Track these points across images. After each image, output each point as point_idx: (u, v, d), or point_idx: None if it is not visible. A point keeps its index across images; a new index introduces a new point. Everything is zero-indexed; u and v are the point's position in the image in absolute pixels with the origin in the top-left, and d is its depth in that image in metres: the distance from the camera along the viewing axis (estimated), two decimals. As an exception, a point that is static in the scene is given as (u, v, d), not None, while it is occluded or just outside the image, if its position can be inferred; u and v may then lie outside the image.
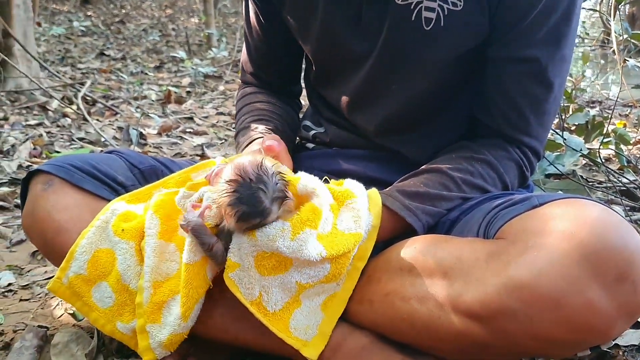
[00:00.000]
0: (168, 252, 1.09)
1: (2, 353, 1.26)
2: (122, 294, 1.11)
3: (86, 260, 1.12)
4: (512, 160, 1.23)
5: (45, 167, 1.20)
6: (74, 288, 1.13)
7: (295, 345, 1.05)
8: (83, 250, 1.12)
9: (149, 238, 1.07)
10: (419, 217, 1.13)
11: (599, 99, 4.46)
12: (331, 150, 1.41)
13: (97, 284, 1.12)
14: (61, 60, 6.12)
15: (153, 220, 1.08)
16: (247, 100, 1.47)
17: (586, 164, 2.58)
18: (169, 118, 3.79)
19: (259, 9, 1.39)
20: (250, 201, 0.96)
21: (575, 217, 0.91)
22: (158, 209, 1.09)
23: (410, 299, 1.01)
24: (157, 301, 1.06)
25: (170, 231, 1.09)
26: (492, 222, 1.04)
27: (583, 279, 0.86)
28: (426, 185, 1.16)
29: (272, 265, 1.03)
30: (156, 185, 1.19)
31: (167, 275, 1.08)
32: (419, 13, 1.16)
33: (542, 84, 1.18)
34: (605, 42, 5.95)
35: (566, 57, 1.18)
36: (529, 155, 1.25)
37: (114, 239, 1.11)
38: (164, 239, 1.08)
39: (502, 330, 0.92)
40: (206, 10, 7.59)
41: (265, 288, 1.04)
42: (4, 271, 1.65)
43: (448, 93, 1.28)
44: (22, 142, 2.97)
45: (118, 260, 1.10)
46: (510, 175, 1.23)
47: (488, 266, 0.94)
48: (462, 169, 1.19)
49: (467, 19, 1.15)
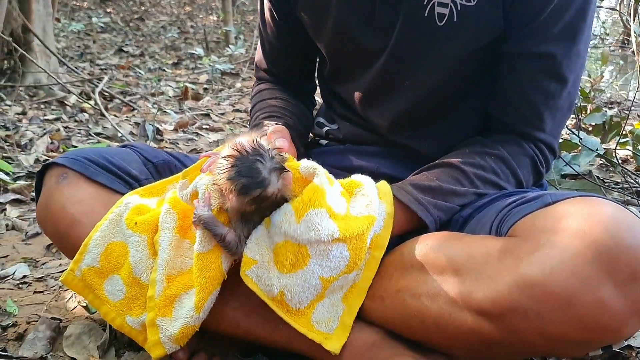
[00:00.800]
0: (183, 248, 1.09)
1: (15, 344, 1.27)
2: (133, 287, 1.12)
3: (99, 252, 1.13)
4: (527, 156, 1.22)
5: (60, 160, 1.21)
6: (87, 280, 1.14)
7: (317, 340, 1.04)
8: (96, 242, 1.13)
9: (164, 232, 1.08)
10: (430, 211, 1.13)
11: (618, 99, 4.42)
12: (344, 147, 1.41)
13: (110, 276, 1.13)
14: (80, 56, 6.17)
15: (170, 214, 1.09)
16: (261, 97, 1.47)
17: (603, 164, 2.55)
18: (186, 114, 3.81)
19: (273, 7, 1.39)
20: (248, 172, 0.95)
21: (589, 216, 0.90)
22: (175, 204, 1.09)
23: (421, 296, 1.01)
24: (170, 295, 1.07)
25: (186, 227, 1.09)
26: (505, 220, 1.04)
27: (595, 278, 0.86)
28: (439, 179, 1.16)
29: (291, 261, 1.03)
30: (170, 180, 1.20)
31: (181, 270, 1.08)
32: (432, 9, 1.16)
33: (556, 80, 1.17)
34: (625, 42, 5.90)
35: (581, 53, 1.17)
36: (544, 150, 1.24)
37: (126, 232, 1.11)
38: (179, 234, 1.09)
39: (513, 328, 0.92)
40: (224, 7, 7.60)
41: (288, 287, 1.04)
42: (19, 263, 1.67)
43: (461, 88, 1.27)
44: (39, 136, 3.00)
45: (130, 253, 1.11)
46: (524, 171, 1.22)
47: (500, 264, 0.93)
48: (475, 164, 1.18)
49: (481, 15, 1.15)
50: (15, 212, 2.07)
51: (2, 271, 1.62)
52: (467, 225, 1.15)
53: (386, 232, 1.09)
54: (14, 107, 3.56)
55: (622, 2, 6.12)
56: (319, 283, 1.04)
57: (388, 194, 1.12)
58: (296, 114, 1.43)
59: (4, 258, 1.72)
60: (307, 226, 1.00)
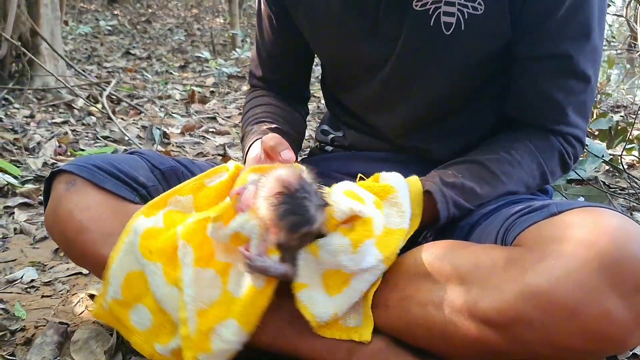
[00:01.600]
0: (207, 279, 1.07)
1: (23, 348, 1.28)
2: (158, 315, 1.11)
3: (119, 284, 1.12)
4: (554, 149, 1.23)
5: (68, 167, 1.21)
6: (114, 313, 1.14)
7: (350, 337, 1.06)
8: (115, 274, 1.12)
9: (185, 267, 1.06)
10: (449, 206, 1.14)
11: (625, 103, 4.41)
12: (350, 153, 1.42)
13: (134, 306, 1.13)
14: (87, 58, 6.20)
15: (186, 249, 1.07)
16: (253, 103, 1.47)
17: (608, 170, 2.55)
18: (192, 118, 3.82)
19: (273, 14, 1.40)
20: (298, 211, 0.96)
21: (594, 226, 0.90)
22: (190, 237, 1.07)
23: (426, 305, 1.01)
24: (205, 330, 1.05)
25: (207, 257, 1.08)
26: (511, 229, 1.04)
27: (601, 288, 0.86)
28: (463, 177, 1.17)
29: (336, 284, 1.05)
30: (171, 192, 1.19)
31: (210, 302, 1.06)
32: (438, 18, 1.16)
33: (577, 77, 1.18)
34: (631, 46, 5.88)
35: (597, 47, 1.18)
36: (571, 142, 1.25)
37: (142, 260, 1.10)
38: (200, 266, 1.07)
39: (518, 338, 0.92)
40: (231, 10, 7.63)
41: (338, 307, 1.05)
42: (27, 267, 1.67)
43: (471, 93, 1.28)
44: (47, 139, 3.01)
45: (149, 282, 1.10)
46: (550, 165, 1.23)
47: (505, 273, 0.93)
48: (501, 160, 1.19)
49: (489, 23, 1.15)
50: (23, 215, 2.08)
51: (11, 275, 1.63)
52: (473, 233, 1.15)
53: (410, 231, 1.11)
54: (22, 110, 3.57)
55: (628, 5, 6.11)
56: (360, 297, 1.07)
57: (419, 194, 1.13)
58: (288, 119, 1.43)
59: (12, 262, 1.73)
60: (362, 256, 1.03)
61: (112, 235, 1.16)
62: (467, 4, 1.14)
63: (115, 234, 1.16)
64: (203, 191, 1.18)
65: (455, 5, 1.15)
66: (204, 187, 1.18)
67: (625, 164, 2.50)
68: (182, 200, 1.16)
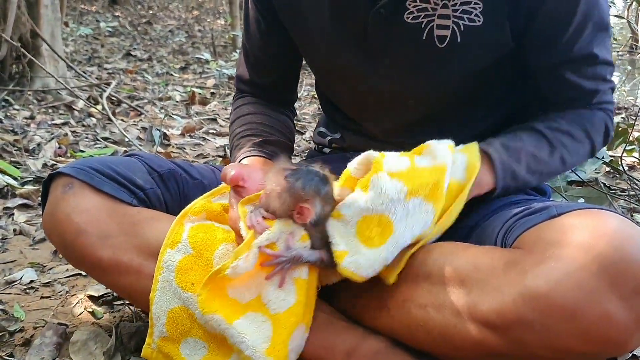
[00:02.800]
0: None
1: (22, 349, 1.28)
2: (213, 341, 1.11)
3: (163, 323, 1.12)
4: (599, 118, 1.25)
5: (66, 169, 1.21)
6: (164, 350, 1.14)
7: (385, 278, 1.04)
8: (157, 315, 1.13)
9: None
10: (506, 178, 1.14)
11: (626, 105, 4.40)
12: (348, 154, 1.41)
13: (183, 341, 1.13)
14: (88, 60, 6.20)
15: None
16: (240, 112, 1.46)
17: (609, 171, 2.55)
18: (193, 119, 3.82)
19: (262, 17, 1.39)
20: (311, 176, 0.99)
21: (594, 228, 0.90)
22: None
23: (426, 306, 1.01)
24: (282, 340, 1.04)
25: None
26: (510, 231, 1.04)
27: (600, 291, 0.86)
28: (522, 140, 1.18)
29: (377, 232, 1.02)
30: (184, 214, 1.17)
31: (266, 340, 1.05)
32: (431, 31, 1.16)
33: (603, 64, 1.20)
34: (633, 48, 5.88)
35: (610, 31, 1.21)
36: (610, 114, 1.27)
37: (184, 295, 1.11)
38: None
39: (518, 340, 0.92)
40: (232, 12, 7.63)
41: (386, 259, 1.02)
42: (27, 268, 1.68)
43: (469, 98, 1.28)
44: (47, 141, 3.01)
45: (196, 315, 1.10)
46: (597, 134, 1.25)
47: (505, 275, 0.93)
48: (552, 127, 1.21)
49: (487, 34, 1.15)
50: (22, 217, 2.08)
51: (10, 276, 1.63)
52: (473, 235, 1.15)
53: (468, 179, 1.09)
54: (22, 112, 3.58)
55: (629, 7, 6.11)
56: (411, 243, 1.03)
57: (472, 147, 1.13)
58: (276, 127, 1.42)
59: (12, 263, 1.73)
60: (375, 192, 1.00)
61: (109, 237, 1.16)
62: (463, 17, 1.14)
63: (113, 236, 1.16)
64: (213, 206, 1.18)
65: (449, 17, 1.15)
66: (210, 205, 1.18)
67: (626, 166, 2.50)
68: (195, 218, 1.16)
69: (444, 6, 1.14)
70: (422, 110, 1.28)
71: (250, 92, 1.52)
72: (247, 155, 1.31)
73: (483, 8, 1.13)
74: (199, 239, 1.13)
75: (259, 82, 1.51)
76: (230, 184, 1.11)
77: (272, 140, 1.36)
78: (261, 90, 1.51)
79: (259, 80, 1.50)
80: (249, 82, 1.51)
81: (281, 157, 1.13)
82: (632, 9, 6.03)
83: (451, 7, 1.14)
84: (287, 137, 1.44)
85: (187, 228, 1.14)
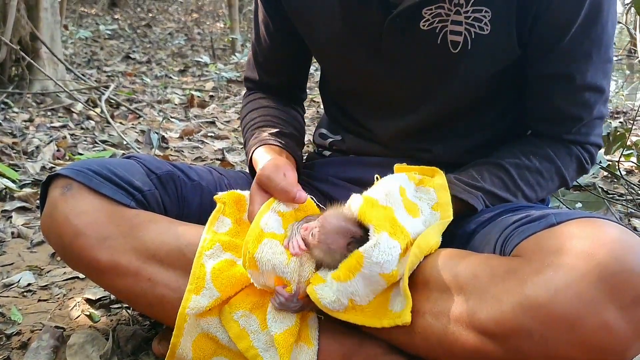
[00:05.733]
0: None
1: (19, 352, 1.28)
2: (235, 357, 1.13)
3: (191, 358, 1.14)
4: (573, 156, 1.27)
5: (65, 171, 1.21)
6: None
7: (394, 323, 1.02)
8: (184, 353, 1.14)
9: (254, 334, 1.09)
10: (478, 198, 1.17)
11: (624, 109, 4.41)
12: (348, 158, 1.42)
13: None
14: (87, 62, 6.21)
15: (250, 318, 1.10)
16: (251, 107, 1.47)
17: (607, 176, 2.55)
18: (191, 122, 3.82)
19: (270, 19, 1.39)
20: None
21: (594, 238, 0.89)
22: (251, 307, 1.11)
23: (425, 314, 1.01)
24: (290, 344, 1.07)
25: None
26: (509, 239, 1.03)
27: (600, 300, 0.85)
28: (483, 179, 1.20)
29: (345, 272, 1.03)
30: (199, 255, 1.14)
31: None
32: (445, 37, 1.17)
33: (591, 90, 1.20)
34: (631, 52, 5.89)
35: (610, 57, 1.20)
36: (589, 148, 1.28)
37: (202, 322, 1.12)
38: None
39: (516, 349, 0.91)
40: (231, 15, 7.64)
41: (354, 293, 1.03)
42: (24, 271, 1.67)
43: (476, 104, 1.29)
44: (46, 143, 3.01)
45: (218, 338, 1.12)
46: (569, 170, 1.27)
47: (504, 284, 0.92)
48: (520, 165, 1.23)
49: (495, 43, 1.16)
50: (21, 219, 2.08)
51: (7, 279, 1.62)
52: (472, 242, 1.15)
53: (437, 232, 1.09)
54: (21, 114, 3.58)
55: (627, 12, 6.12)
56: (381, 279, 1.02)
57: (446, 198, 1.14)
58: (288, 120, 1.43)
59: (9, 266, 1.73)
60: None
61: (108, 239, 1.16)
62: (474, 24, 1.15)
63: (111, 238, 1.16)
64: (221, 237, 1.17)
65: (462, 24, 1.16)
66: (218, 234, 1.17)
67: (624, 170, 2.50)
68: (211, 253, 1.15)
69: (456, 12, 1.15)
70: (432, 115, 1.29)
71: (260, 90, 1.53)
72: (265, 144, 1.31)
73: (492, 16, 1.14)
74: (224, 280, 1.11)
75: (268, 82, 1.51)
76: (262, 180, 1.14)
77: (287, 132, 1.37)
78: (270, 90, 1.52)
79: (268, 80, 1.51)
80: (258, 82, 1.52)
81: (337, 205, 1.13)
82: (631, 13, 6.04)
83: (463, 14, 1.15)
84: (298, 131, 1.44)
85: (209, 269, 1.12)
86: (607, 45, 1.17)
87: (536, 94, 1.25)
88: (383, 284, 1.03)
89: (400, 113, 1.31)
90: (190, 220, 1.24)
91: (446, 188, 1.14)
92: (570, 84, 1.19)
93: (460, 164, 1.27)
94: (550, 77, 1.20)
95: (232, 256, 1.15)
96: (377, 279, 1.02)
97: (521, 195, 1.23)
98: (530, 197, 1.24)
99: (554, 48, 1.16)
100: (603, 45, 1.17)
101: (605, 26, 1.15)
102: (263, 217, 1.09)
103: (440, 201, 1.13)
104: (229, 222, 1.19)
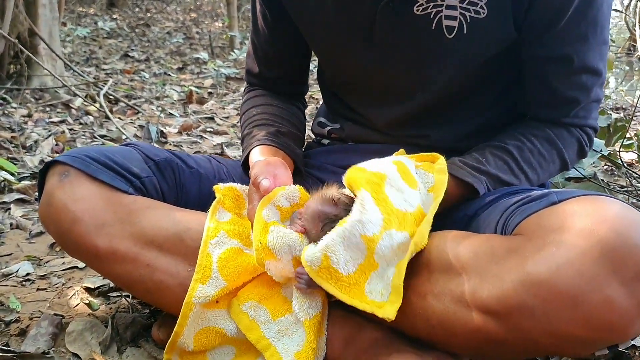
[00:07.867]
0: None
1: (18, 339, 1.27)
2: (241, 346, 1.13)
3: (192, 348, 1.13)
4: (573, 137, 1.27)
5: (62, 158, 1.20)
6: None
7: (368, 309, 0.99)
8: (185, 342, 1.13)
9: (264, 325, 1.10)
10: (481, 181, 1.16)
11: (624, 105, 4.41)
12: (347, 145, 1.41)
13: (209, 352, 1.15)
14: (86, 61, 6.19)
15: (259, 309, 1.11)
16: (251, 104, 1.47)
17: (608, 168, 2.54)
18: (190, 117, 3.81)
19: (268, 12, 1.39)
20: None
21: (595, 214, 0.89)
22: (260, 298, 1.12)
23: (426, 295, 1.00)
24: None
25: (280, 309, 1.11)
26: (510, 219, 1.03)
27: (602, 276, 0.84)
28: (487, 162, 1.19)
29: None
30: (204, 247, 1.13)
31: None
32: (440, 22, 1.16)
33: (588, 72, 1.20)
34: (631, 49, 5.89)
35: (606, 39, 1.20)
36: (589, 132, 1.29)
37: (209, 314, 1.12)
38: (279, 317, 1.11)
39: (518, 327, 0.91)
40: (229, 13, 7.65)
41: (329, 248, 0.99)
42: (23, 261, 1.67)
43: (474, 88, 1.29)
44: (45, 138, 3.00)
45: (225, 330, 1.12)
46: (569, 152, 1.27)
47: (505, 262, 0.92)
48: (521, 147, 1.22)
49: (491, 27, 1.16)
50: (19, 211, 2.07)
51: (6, 269, 1.62)
52: (472, 224, 1.14)
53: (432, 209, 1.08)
54: (20, 110, 3.57)
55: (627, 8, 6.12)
56: (361, 242, 1.00)
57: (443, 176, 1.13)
58: (287, 118, 1.43)
59: (8, 256, 1.73)
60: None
61: (106, 225, 1.15)
62: (470, 8, 1.15)
63: (109, 224, 1.15)
64: (224, 226, 1.16)
65: (457, 9, 1.15)
66: (221, 223, 1.17)
67: (625, 162, 2.50)
68: (216, 242, 1.14)
69: None
70: (428, 100, 1.28)
71: (261, 85, 1.53)
72: (261, 144, 1.31)
73: (488, 0, 1.13)
74: (230, 269, 1.11)
75: (268, 75, 1.51)
76: (263, 194, 1.11)
77: (284, 131, 1.37)
78: (271, 83, 1.51)
79: (268, 73, 1.50)
80: (258, 76, 1.52)
81: (333, 185, 1.13)
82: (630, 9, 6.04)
83: None
84: (298, 128, 1.44)
85: (215, 259, 1.11)
86: (602, 27, 1.17)
87: (533, 77, 1.24)
88: (363, 250, 1.00)
89: (396, 100, 1.30)
90: (188, 207, 1.24)
91: (445, 171, 1.13)
92: (568, 66, 1.19)
93: (458, 149, 1.27)
94: (547, 60, 1.20)
95: (239, 243, 1.14)
96: (357, 240, 0.99)
97: (524, 178, 1.22)
98: (533, 180, 1.24)
99: (550, 30, 1.15)
100: (599, 26, 1.16)
101: (600, 7, 1.15)
102: (264, 210, 1.09)
103: (436, 184, 1.12)
104: (229, 215, 1.19)
